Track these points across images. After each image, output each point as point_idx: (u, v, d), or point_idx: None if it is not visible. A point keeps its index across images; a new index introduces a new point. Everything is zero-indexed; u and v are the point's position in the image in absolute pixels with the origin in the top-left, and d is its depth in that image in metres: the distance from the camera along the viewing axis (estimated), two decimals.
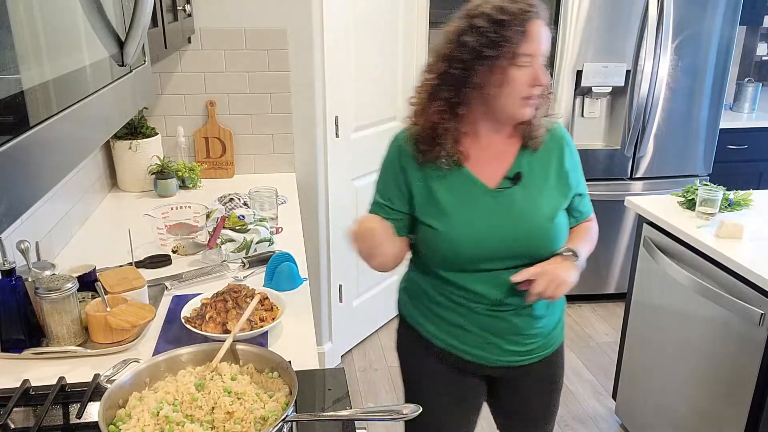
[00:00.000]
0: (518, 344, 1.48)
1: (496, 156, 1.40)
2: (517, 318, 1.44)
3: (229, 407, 1.06)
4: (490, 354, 1.47)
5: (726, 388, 1.97)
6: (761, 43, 4.22)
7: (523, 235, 1.37)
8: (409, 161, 1.39)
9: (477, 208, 1.37)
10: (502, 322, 1.44)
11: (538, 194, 1.39)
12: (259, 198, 2.14)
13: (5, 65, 0.54)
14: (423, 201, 1.39)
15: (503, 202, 1.37)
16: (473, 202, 1.37)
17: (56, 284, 1.34)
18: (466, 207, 1.37)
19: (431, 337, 1.50)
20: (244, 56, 2.57)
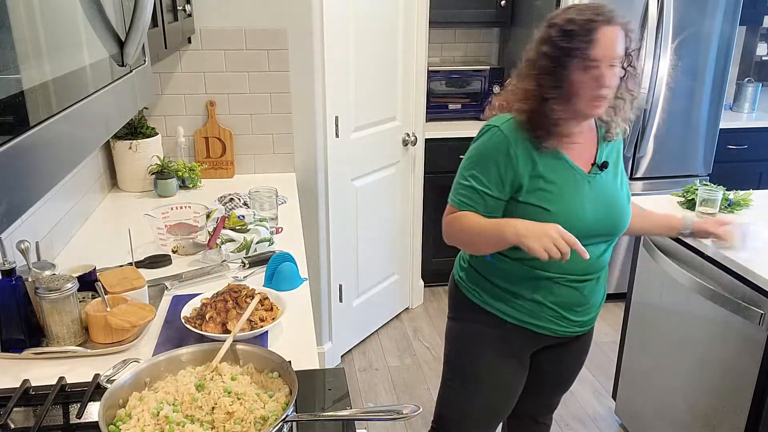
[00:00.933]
0: (583, 314, 1.65)
1: (583, 146, 1.58)
2: (590, 288, 1.62)
3: (229, 407, 1.06)
4: (560, 326, 1.64)
5: (726, 388, 1.97)
6: (761, 43, 4.22)
7: (614, 215, 1.59)
8: (519, 148, 1.52)
9: (579, 191, 1.55)
10: (578, 294, 1.60)
11: (616, 180, 1.62)
12: (259, 198, 2.14)
13: (5, 65, 0.54)
14: (532, 185, 1.53)
15: (596, 187, 1.57)
16: (576, 185, 1.55)
17: (56, 284, 1.34)
18: (571, 190, 1.54)
19: (503, 316, 1.64)
20: (244, 56, 2.57)
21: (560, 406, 2.81)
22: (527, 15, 3.60)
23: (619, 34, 1.46)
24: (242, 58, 2.57)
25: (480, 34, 4.03)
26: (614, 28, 1.45)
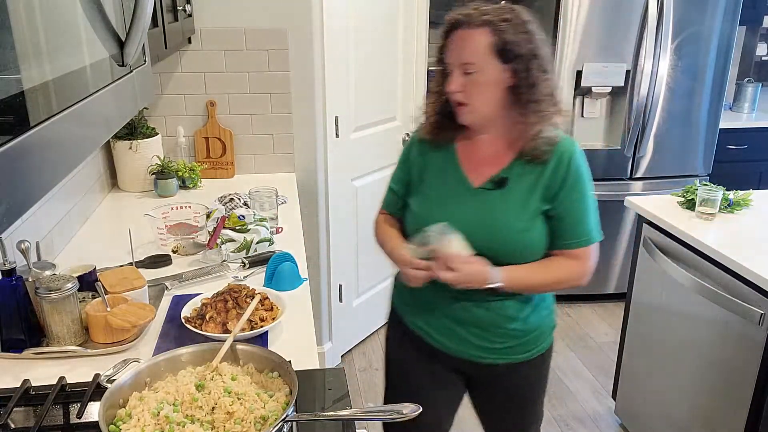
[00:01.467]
0: (485, 340, 1.50)
1: (490, 158, 1.44)
2: (483, 312, 1.47)
3: (230, 407, 1.06)
4: (455, 344, 1.52)
5: (726, 388, 1.97)
6: (761, 43, 4.22)
7: (488, 238, 1.41)
8: (416, 148, 1.53)
9: (459, 202, 1.45)
10: (465, 313, 1.47)
11: (517, 204, 1.40)
12: (259, 198, 2.14)
13: (5, 65, 0.55)
14: (418, 187, 1.52)
15: (481, 203, 1.42)
16: (457, 196, 1.45)
17: (56, 284, 1.34)
18: (449, 198, 1.46)
19: (405, 318, 1.60)
20: (244, 56, 2.57)
21: (560, 406, 2.82)
22: None
23: (474, 38, 1.33)
24: (242, 58, 2.57)
25: None
26: (470, 31, 1.33)
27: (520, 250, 1.41)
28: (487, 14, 1.33)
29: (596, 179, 3.47)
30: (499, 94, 1.36)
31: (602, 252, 3.56)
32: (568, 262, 1.45)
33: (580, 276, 1.47)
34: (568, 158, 1.40)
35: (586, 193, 1.43)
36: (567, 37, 3.21)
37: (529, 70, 1.33)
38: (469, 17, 1.33)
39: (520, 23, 1.34)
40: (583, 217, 1.43)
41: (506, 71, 1.34)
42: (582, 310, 3.63)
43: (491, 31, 1.32)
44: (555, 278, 1.45)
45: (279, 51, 2.59)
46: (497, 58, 1.32)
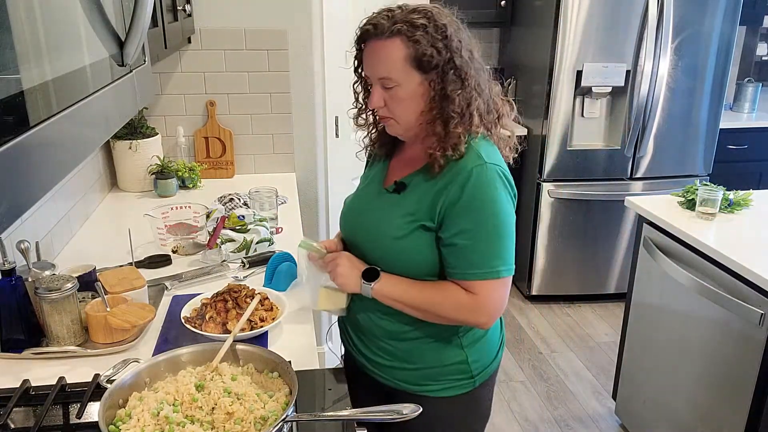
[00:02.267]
0: (365, 347, 1.42)
1: (407, 163, 1.37)
2: (362, 313, 1.39)
3: (229, 408, 1.06)
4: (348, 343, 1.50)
5: (726, 388, 1.97)
6: (761, 43, 4.22)
7: (367, 238, 1.36)
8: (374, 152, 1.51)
9: (361, 200, 1.44)
10: (353, 306, 1.42)
11: (401, 210, 1.30)
12: (259, 198, 2.14)
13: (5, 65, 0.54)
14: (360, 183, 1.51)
15: (378, 202, 1.37)
16: (365, 195, 1.44)
17: (56, 284, 1.34)
18: (358, 197, 1.46)
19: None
20: (244, 56, 2.57)
21: (560, 406, 2.82)
22: (527, 15, 3.60)
23: (387, 50, 1.21)
24: (242, 58, 2.57)
25: (480, 34, 4.00)
26: (382, 42, 1.22)
27: (395, 259, 1.30)
28: (398, 21, 1.20)
29: (596, 179, 3.53)
30: (423, 104, 1.25)
31: (602, 252, 3.59)
32: (458, 291, 1.26)
33: (473, 311, 1.26)
34: (464, 179, 1.22)
35: (484, 222, 1.22)
36: (567, 37, 3.21)
37: (444, 83, 1.22)
38: (379, 27, 1.21)
39: (436, 28, 1.20)
40: (469, 248, 1.23)
41: (425, 82, 1.23)
42: (582, 310, 3.63)
43: (404, 41, 1.20)
44: (436, 302, 1.27)
45: (279, 51, 2.59)
46: (416, 70, 1.22)
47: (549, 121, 3.38)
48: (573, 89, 3.32)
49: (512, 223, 1.27)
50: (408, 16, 1.21)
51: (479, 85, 1.26)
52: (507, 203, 1.25)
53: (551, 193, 3.47)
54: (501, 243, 1.24)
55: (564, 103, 3.34)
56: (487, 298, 1.25)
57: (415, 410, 1.08)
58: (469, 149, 1.25)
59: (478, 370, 1.38)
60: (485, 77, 1.30)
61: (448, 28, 1.22)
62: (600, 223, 3.56)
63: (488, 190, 1.22)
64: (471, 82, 1.24)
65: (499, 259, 1.24)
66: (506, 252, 1.25)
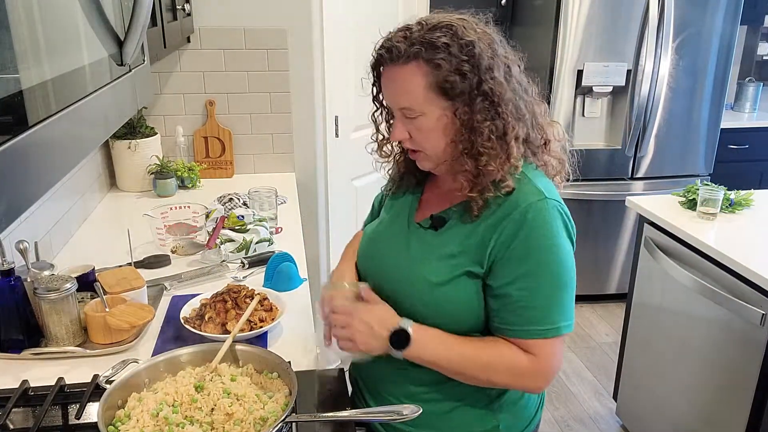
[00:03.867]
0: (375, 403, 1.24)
1: (444, 195, 1.19)
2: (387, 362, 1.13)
3: (229, 408, 1.05)
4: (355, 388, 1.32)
5: (727, 389, 1.97)
6: (762, 43, 4.22)
7: (396, 282, 1.17)
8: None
9: (387, 235, 1.24)
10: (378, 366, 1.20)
11: (441, 251, 1.12)
12: (258, 198, 2.13)
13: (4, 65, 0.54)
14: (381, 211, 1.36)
15: (407, 240, 1.18)
16: (391, 228, 1.24)
17: (55, 284, 1.33)
18: (383, 230, 1.26)
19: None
20: (244, 56, 2.57)
21: (561, 407, 2.82)
22: (527, 15, 3.60)
23: (406, 77, 1.07)
24: (242, 57, 2.57)
25: None
26: (400, 69, 1.07)
27: (434, 310, 1.11)
28: (416, 43, 1.05)
29: (597, 179, 3.53)
30: (452, 135, 1.09)
31: (603, 252, 3.58)
32: (514, 352, 1.08)
33: (531, 375, 1.08)
34: (520, 217, 1.05)
35: (545, 269, 1.05)
36: (567, 37, 3.21)
37: (472, 112, 1.06)
38: (395, 51, 1.07)
39: (461, 48, 1.04)
40: (534, 300, 1.06)
41: (450, 110, 1.08)
42: (582, 310, 3.63)
43: (423, 66, 1.05)
44: (487, 365, 1.09)
45: (279, 51, 2.58)
46: (440, 96, 1.06)
47: None
48: (573, 89, 3.32)
49: (573, 269, 1.09)
50: (427, 35, 1.05)
51: (519, 109, 1.09)
52: (568, 246, 1.08)
53: None
54: (562, 294, 1.07)
55: (564, 103, 3.34)
56: (548, 360, 1.07)
57: (415, 410, 1.08)
58: (524, 181, 1.09)
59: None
60: (528, 98, 1.13)
61: (476, 45, 1.05)
62: (600, 223, 3.56)
63: (549, 232, 1.05)
64: (506, 108, 1.06)
65: (561, 313, 1.07)
66: (568, 304, 1.08)
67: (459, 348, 1.09)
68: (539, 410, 1.28)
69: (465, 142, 1.07)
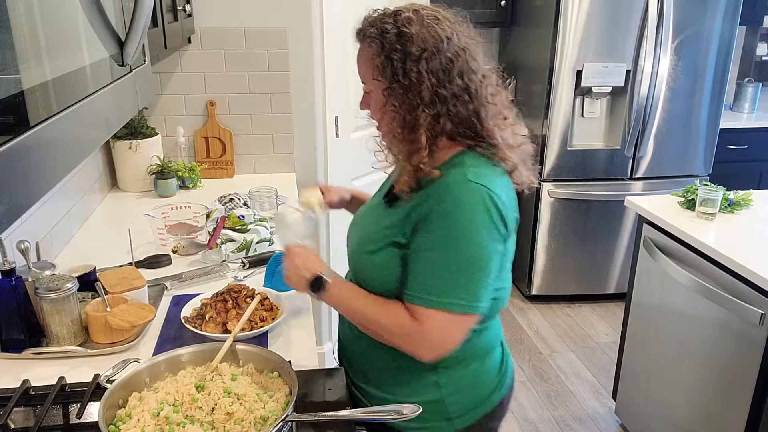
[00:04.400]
0: (350, 367, 1.35)
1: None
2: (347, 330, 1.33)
3: (229, 408, 1.06)
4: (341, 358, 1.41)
5: (726, 388, 1.97)
6: (761, 43, 4.22)
7: (351, 250, 1.31)
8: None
9: (365, 209, 1.38)
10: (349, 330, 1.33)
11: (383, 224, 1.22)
12: (259, 198, 2.14)
13: (5, 65, 0.54)
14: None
15: (372, 215, 1.30)
16: (371, 203, 1.38)
17: (56, 284, 1.34)
18: (367, 204, 1.40)
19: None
20: (244, 56, 2.57)
21: (560, 407, 2.82)
22: (527, 15, 3.60)
23: (362, 54, 1.19)
24: (242, 58, 2.57)
25: (480, 34, 4.01)
26: (360, 46, 1.20)
27: (366, 275, 1.23)
28: (371, 25, 1.16)
29: (596, 179, 3.53)
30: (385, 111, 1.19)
31: (602, 252, 3.58)
32: (403, 312, 1.14)
33: (413, 341, 1.14)
34: (442, 194, 1.11)
35: (450, 246, 1.10)
36: (567, 37, 3.21)
37: (390, 96, 1.14)
38: (357, 32, 1.19)
39: (397, 36, 1.12)
40: (428, 270, 1.11)
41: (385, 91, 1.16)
42: (582, 310, 3.63)
43: (368, 46, 1.16)
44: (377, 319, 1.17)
45: (279, 51, 2.59)
46: (379, 76, 1.15)
47: (549, 121, 3.38)
48: (573, 89, 3.32)
49: (492, 259, 1.11)
50: (379, 20, 1.15)
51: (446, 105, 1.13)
52: (488, 235, 1.10)
53: (551, 193, 3.47)
54: (464, 273, 1.10)
55: (564, 103, 3.34)
56: (432, 332, 1.11)
57: (414, 410, 1.08)
58: (458, 166, 1.14)
59: (458, 412, 1.25)
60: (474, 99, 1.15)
61: (412, 37, 1.10)
62: (600, 223, 3.56)
63: (464, 212, 1.09)
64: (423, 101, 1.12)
65: (456, 291, 1.10)
66: (470, 286, 1.10)
67: (362, 302, 1.20)
68: (496, 393, 1.30)
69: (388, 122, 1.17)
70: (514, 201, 1.19)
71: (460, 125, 1.15)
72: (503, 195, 1.13)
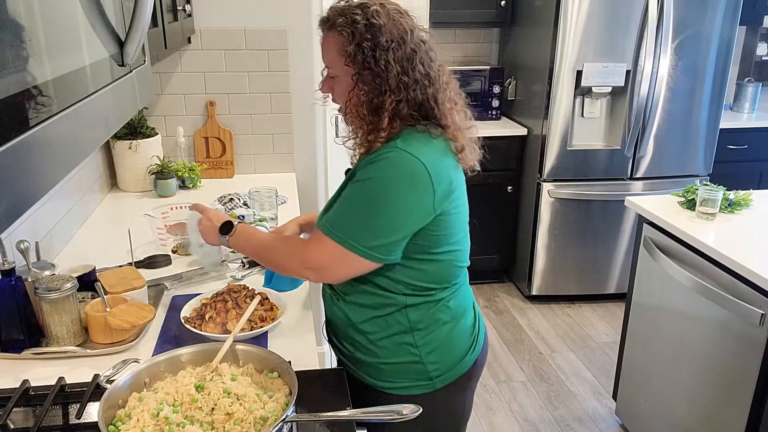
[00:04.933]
0: (336, 337, 1.47)
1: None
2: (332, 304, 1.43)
3: (229, 408, 1.05)
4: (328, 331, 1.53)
5: (726, 389, 1.97)
6: (761, 43, 4.22)
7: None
8: None
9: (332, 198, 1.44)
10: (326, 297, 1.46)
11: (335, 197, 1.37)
12: (259, 198, 2.13)
13: (5, 65, 0.54)
14: None
15: (335, 197, 1.39)
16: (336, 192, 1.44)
17: (56, 284, 1.34)
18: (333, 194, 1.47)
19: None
20: (244, 56, 2.57)
21: (561, 407, 2.82)
22: (527, 15, 3.60)
23: (328, 41, 1.28)
24: (242, 58, 2.57)
25: (480, 34, 4.03)
26: (327, 33, 1.29)
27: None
28: (339, 14, 1.25)
29: (596, 179, 3.53)
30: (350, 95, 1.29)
31: (603, 252, 3.59)
32: (300, 241, 1.37)
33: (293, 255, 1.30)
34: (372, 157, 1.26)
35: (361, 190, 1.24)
36: (567, 37, 3.21)
37: (361, 81, 1.25)
38: (325, 20, 1.28)
39: (367, 26, 1.23)
40: (341, 209, 1.27)
41: (350, 73, 1.27)
42: (582, 310, 3.63)
43: (337, 34, 1.25)
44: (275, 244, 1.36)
45: (279, 51, 2.59)
46: (346, 62, 1.25)
47: (549, 121, 3.38)
48: (573, 89, 3.32)
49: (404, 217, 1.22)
50: (348, 10, 1.25)
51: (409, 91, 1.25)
52: (408, 195, 1.21)
53: (551, 193, 3.47)
54: (368, 216, 1.22)
55: (564, 103, 3.34)
56: (313, 250, 1.26)
57: (414, 410, 1.08)
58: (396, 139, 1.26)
59: (438, 372, 1.35)
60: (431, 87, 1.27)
61: (381, 28, 1.22)
62: (600, 223, 3.56)
63: (381, 167, 1.22)
64: (390, 87, 1.24)
65: (362, 236, 1.21)
66: (374, 236, 1.21)
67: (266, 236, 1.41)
68: (471, 353, 1.40)
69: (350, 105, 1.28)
70: (451, 168, 1.28)
71: (417, 109, 1.27)
72: (433, 162, 1.23)
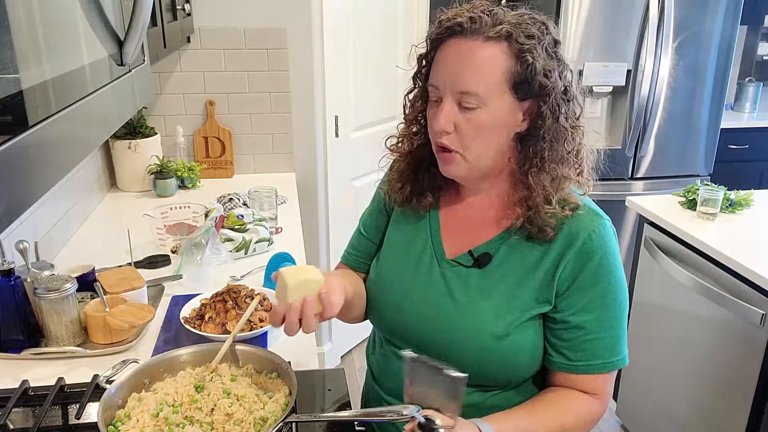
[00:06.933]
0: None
1: (476, 224, 1.05)
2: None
3: (229, 408, 1.05)
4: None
5: (727, 389, 1.97)
6: (762, 43, 4.21)
7: (444, 330, 1.02)
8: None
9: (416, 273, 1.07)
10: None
11: (498, 295, 0.99)
12: (258, 198, 2.13)
13: (4, 65, 0.54)
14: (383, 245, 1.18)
15: (446, 279, 1.04)
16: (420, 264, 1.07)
17: (55, 284, 1.33)
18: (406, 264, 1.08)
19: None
20: (244, 56, 2.57)
21: None
22: None
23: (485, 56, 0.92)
24: (242, 57, 2.57)
25: None
26: (479, 44, 0.91)
27: (496, 364, 1.00)
28: (505, 22, 0.91)
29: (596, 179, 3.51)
30: (506, 142, 0.97)
31: None
32: (581, 400, 1.00)
33: (600, 414, 1.04)
34: (584, 241, 0.95)
35: (613, 297, 0.97)
36: (567, 37, 3.21)
37: (554, 116, 0.94)
38: (478, 23, 0.91)
39: (549, 44, 0.94)
40: (603, 330, 0.97)
41: (520, 112, 0.95)
42: None
43: (511, 49, 0.91)
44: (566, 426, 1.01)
45: (279, 51, 2.58)
46: (512, 92, 0.93)
47: None
48: None
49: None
50: (519, 19, 0.93)
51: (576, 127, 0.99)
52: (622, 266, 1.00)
53: None
54: (624, 320, 0.99)
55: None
56: (607, 393, 1.02)
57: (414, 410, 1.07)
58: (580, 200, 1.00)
59: None
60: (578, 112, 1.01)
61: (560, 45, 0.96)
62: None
63: (612, 257, 0.97)
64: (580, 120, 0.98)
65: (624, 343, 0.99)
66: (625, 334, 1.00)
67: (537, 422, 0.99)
68: None
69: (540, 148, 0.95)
70: None
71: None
72: None
